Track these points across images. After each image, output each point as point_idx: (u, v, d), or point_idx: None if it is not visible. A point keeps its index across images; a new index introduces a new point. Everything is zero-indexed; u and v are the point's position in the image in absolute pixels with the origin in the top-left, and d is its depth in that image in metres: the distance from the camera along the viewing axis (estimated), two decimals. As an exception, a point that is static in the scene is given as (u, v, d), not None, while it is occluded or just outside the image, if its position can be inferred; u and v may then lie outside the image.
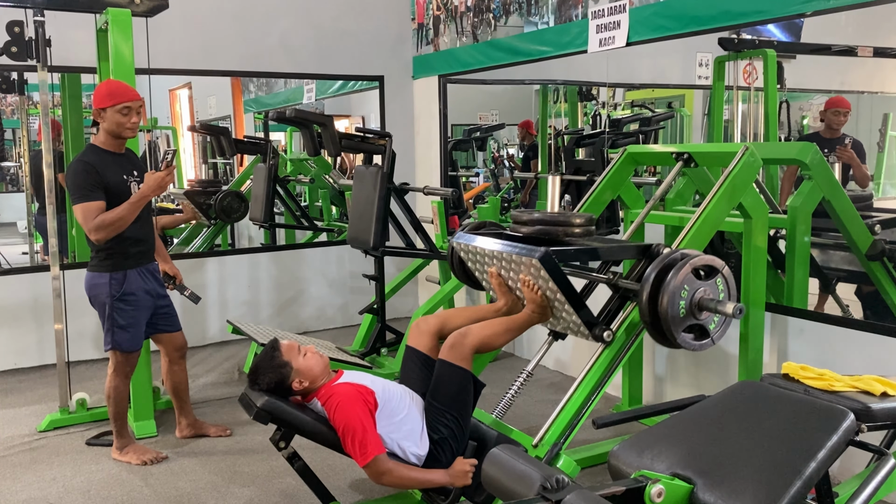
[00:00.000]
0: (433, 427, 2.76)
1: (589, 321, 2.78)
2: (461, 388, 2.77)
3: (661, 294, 2.56)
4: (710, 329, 2.68)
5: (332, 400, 2.67)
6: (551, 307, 2.85)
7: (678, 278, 2.56)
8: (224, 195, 5.65)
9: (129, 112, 3.31)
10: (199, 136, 6.69)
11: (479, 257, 3.03)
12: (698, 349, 2.70)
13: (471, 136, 6.50)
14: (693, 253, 2.65)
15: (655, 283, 2.58)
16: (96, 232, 3.22)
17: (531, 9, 4.80)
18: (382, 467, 2.60)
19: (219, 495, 3.18)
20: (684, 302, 2.58)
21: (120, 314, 3.38)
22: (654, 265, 2.61)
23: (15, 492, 3.24)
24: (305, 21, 5.51)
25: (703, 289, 2.62)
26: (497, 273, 2.97)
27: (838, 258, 3.68)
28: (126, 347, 3.42)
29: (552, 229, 2.79)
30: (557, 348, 3.14)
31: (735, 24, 3.65)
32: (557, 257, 2.65)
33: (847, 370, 2.56)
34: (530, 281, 2.79)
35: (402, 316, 5.69)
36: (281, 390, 2.71)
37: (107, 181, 3.27)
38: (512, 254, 2.77)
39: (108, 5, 3.65)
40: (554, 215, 2.83)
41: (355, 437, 2.59)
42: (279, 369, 2.70)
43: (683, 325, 2.62)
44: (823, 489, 1.98)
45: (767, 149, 3.60)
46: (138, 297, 3.42)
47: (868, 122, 4.02)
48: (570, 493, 1.63)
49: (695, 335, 2.68)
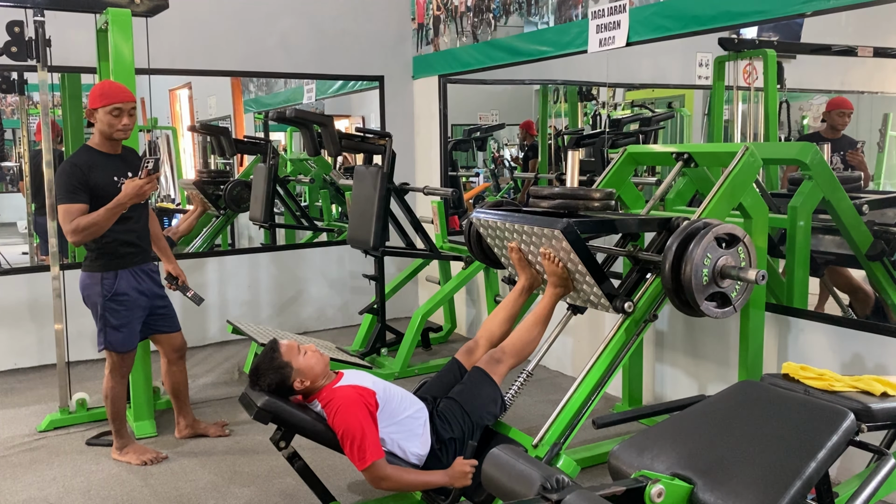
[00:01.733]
0: (449, 424, 2.77)
1: (610, 293, 2.81)
2: (490, 400, 2.82)
3: (685, 263, 2.62)
4: (732, 297, 2.74)
5: (333, 403, 2.67)
6: (572, 279, 2.87)
7: (702, 246, 2.61)
8: (234, 184, 5.72)
9: (120, 114, 3.26)
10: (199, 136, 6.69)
11: (498, 232, 3.04)
12: (721, 317, 2.77)
13: (471, 136, 6.50)
14: (715, 222, 2.70)
15: (678, 252, 2.64)
16: (72, 235, 3.20)
17: (531, 9, 4.80)
18: (381, 472, 2.60)
19: (219, 495, 3.18)
20: (707, 270, 2.64)
21: (112, 314, 3.37)
22: (677, 234, 2.67)
23: (15, 492, 3.24)
24: (305, 21, 5.51)
25: (726, 257, 2.68)
26: (517, 247, 2.98)
27: (827, 241, 3.67)
28: (119, 348, 3.41)
29: (572, 202, 2.82)
30: (557, 349, 3.14)
31: (735, 24, 3.65)
32: (579, 228, 2.69)
33: (847, 370, 2.57)
34: (551, 253, 2.82)
35: (402, 316, 5.69)
36: (282, 390, 2.71)
37: (94, 183, 3.23)
38: (533, 227, 2.79)
39: (108, 5, 3.65)
40: (574, 189, 2.86)
41: (354, 441, 2.58)
42: (280, 370, 2.70)
43: (706, 293, 2.68)
44: (823, 489, 1.98)
45: (767, 149, 3.60)
46: (130, 297, 3.39)
47: (868, 122, 4.02)
48: (570, 493, 1.63)
49: (717, 303, 2.74)
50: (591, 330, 4.33)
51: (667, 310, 3.66)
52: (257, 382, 2.72)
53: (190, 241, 5.99)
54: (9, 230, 6.38)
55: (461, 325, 5.65)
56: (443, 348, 5.29)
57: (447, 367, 3.05)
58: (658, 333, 4.00)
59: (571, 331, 4.41)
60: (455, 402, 2.81)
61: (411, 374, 4.53)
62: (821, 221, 3.40)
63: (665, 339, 3.98)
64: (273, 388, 2.69)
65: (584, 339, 4.44)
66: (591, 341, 4.27)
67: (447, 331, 5.46)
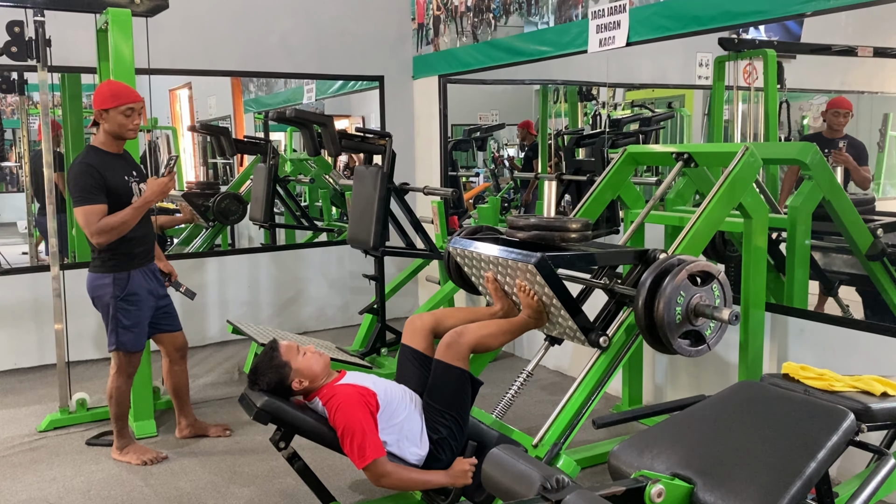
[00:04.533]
0: (433, 427, 2.75)
1: (585, 326, 2.77)
2: (459, 388, 2.76)
3: (658, 300, 2.54)
4: (707, 335, 2.66)
5: (334, 401, 2.67)
6: (547, 312, 2.84)
7: (674, 284, 2.53)
8: (222, 197, 5.62)
9: (132, 113, 3.31)
10: (199, 136, 6.69)
11: (475, 262, 3.02)
12: (694, 355, 2.68)
13: (471, 136, 6.51)
14: (689, 259, 2.63)
15: (651, 288, 2.56)
16: (99, 236, 3.22)
17: (531, 9, 4.80)
18: (382, 470, 2.59)
19: (219, 495, 3.18)
20: (680, 308, 2.56)
21: (124, 314, 3.38)
22: (650, 271, 2.60)
23: (15, 492, 3.24)
24: (305, 21, 5.51)
25: (700, 295, 2.60)
26: (493, 278, 2.96)
27: (840, 261, 3.67)
28: (130, 348, 3.43)
29: (548, 234, 2.76)
30: (557, 349, 3.14)
31: (735, 24, 3.65)
32: (553, 262, 2.64)
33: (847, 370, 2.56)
34: (526, 286, 2.78)
35: (402, 316, 5.68)
36: (281, 390, 2.71)
37: (109, 183, 3.27)
38: (508, 259, 2.76)
39: (108, 5, 3.65)
40: (550, 220, 2.81)
41: (354, 439, 2.58)
42: (279, 369, 2.70)
43: (680, 332, 2.60)
44: (823, 489, 1.98)
45: (767, 149, 3.60)
46: (141, 296, 3.43)
47: (868, 122, 4.02)
48: (570, 493, 1.63)
49: (691, 341, 2.66)
50: (591, 330, 4.32)
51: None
52: (256, 382, 2.72)
53: (188, 243, 5.99)
54: (9, 230, 6.39)
55: (461, 325, 5.64)
56: (443, 348, 5.28)
57: (399, 359, 2.99)
58: (658, 333, 4.00)
59: (571, 331, 4.41)
60: (430, 406, 2.78)
61: (411, 374, 4.52)
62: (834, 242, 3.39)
63: (665, 339, 3.97)
64: (272, 387, 2.69)
65: (584, 339, 4.43)
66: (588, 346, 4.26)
67: (447, 331, 5.45)
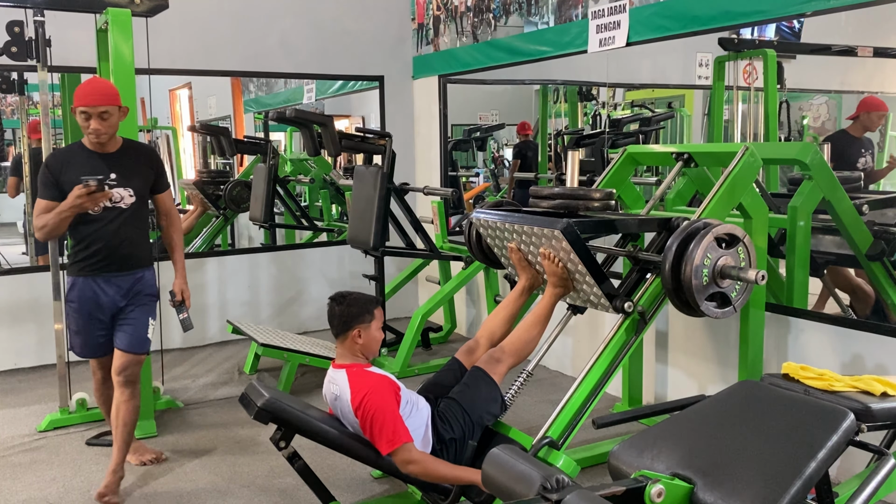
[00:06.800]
0: (450, 424, 2.77)
1: (610, 293, 2.80)
2: (490, 400, 2.82)
3: (685, 263, 2.62)
4: (732, 297, 2.74)
5: (365, 384, 2.67)
6: (572, 279, 2.87)
7: (701, 246, 2.61)
8: (234, 184, 5.72)
9: (88, 118, 3.10)
10: (199, 136, 6.69)
11: (498, 233, 3.04)
12: (721, 317, 2.76)
13: (471, 136, 6.52)
14: (715, 222, 2.70)
15: (678, 252, 2.63)
16: (36, 231, 3.19)
17: (531, 9, 4.80)
18: (412, 456, 2.59)
19: (219, 495, 3.18)
20: (707, 270, 2.64)
21: (69, 317, 3.35)
22: (677, 234, 2.66)
23: (15, 492, 3.24)
24: (305, 21, 5.51)
25: (726, 257, 2.67)
26: (517, 248, 2.99)
27: (827, 241, 3.67)
28: (79, 352, 3.37)
29: (572, 203, 2.82)
30: (557, 348, 3.15)
31: (735, 24, 3.65)
32: (579, 228, 2.69)
33: (847, 370, 2.57)
34: (551, 253, 2.82)
35: (402, 316, 5.69)
36: (344, 322, 2.77)
37: (63, 180, 3.13)
38: (533, 227, 2.79)
39: (108, 5, 3.65)
40: (574, 189, 2.86)
41: (386, 422, 2.58)
42: (365, 308, 2.78)
43: (706, 293, 2.68)
44: (823, 489, 1.98)
45: (767, 149, 3.60)
46: (77, 306, 3.26)
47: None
48: (570, 493, 1.63)
49: (717, 303, 2.74)
50: (591, 330, 4.33)
51: (667, 309, 3.66)
52: (344, 297, 2.80)
53: (190, 241, 5.99)
54: (9, 230, 6.38)
55: (461, 325, 5.65)
56: (443, 348, 5.29)
57: (447, 366, 3.05)
58: (658, 333, 4.00)
59: (571, 331, 4.41)
60: (455, 402, 2.82)
61: (411, 374, 4.53)
62: (820, 221, 3.41)
63: (665, 339, 3.97)
64: (346, 313, 2.76)
65: (584, 339, 4.44)
66: (591, 341, 4.27)
67: (447, 331, 5.46)
